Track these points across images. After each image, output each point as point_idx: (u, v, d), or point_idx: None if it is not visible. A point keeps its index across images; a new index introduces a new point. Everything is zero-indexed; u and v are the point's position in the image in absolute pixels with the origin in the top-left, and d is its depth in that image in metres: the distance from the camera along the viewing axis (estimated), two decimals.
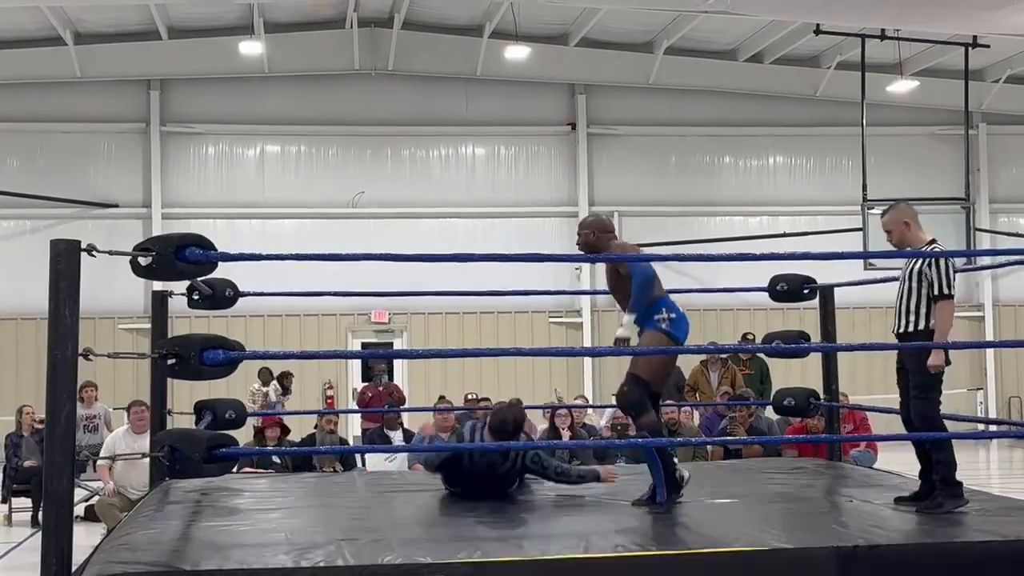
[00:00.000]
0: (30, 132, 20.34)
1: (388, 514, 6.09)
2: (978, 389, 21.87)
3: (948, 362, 6.14)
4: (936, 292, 6.00)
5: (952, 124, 20.90)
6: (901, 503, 6.17)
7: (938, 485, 6.05)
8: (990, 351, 21.87)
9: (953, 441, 6.19)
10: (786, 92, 21.77)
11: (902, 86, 20.79)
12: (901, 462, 10.73)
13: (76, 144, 20.43)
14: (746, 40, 20.41)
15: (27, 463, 12.50)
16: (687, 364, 14.39)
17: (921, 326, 6.06)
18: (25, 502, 12.36)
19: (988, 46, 18.40)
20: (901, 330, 6.17)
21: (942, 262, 6.02)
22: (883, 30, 17.63)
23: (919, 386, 6.15)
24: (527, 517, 6.01)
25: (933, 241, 6.24)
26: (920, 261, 6.09)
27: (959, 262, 16.59)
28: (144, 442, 10.21)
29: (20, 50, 19.46)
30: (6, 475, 12.86)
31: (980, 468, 18.14)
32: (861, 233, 17.40)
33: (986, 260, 14.76)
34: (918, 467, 6.35)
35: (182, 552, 5.04)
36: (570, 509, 6.22)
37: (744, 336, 15.85)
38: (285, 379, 16.83)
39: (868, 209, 17.49)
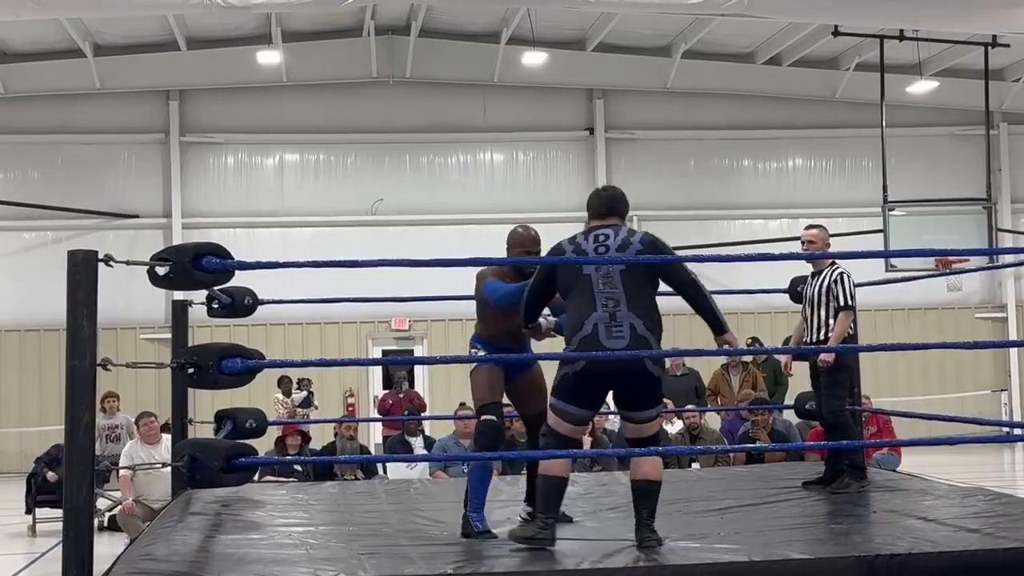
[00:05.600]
0: (51, 144, 20.44)
1: (408, 525, 6.07)
2: (1002, 390, 21.71)
3: (851, 363, 7.40)
4: (841, 304, 7.17)
5: (973, 124, 20.77)
6: (809, 488, 7.11)
7: (846, 468, 7.06)
8: (1014, 351, 21.71)
9: (978, 444, 6.24)
10: (805, 94, 21.68)
11: (922, 87, 20.67)
12: (925, 465, 10.66)
13: (96, 155, 20.52)
14: (764, 43, 20.35)
15: (52, 476, 12.53)
16: (707, 368, 14.33)
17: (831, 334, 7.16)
18: (50, 513, 12.40)
19: (1008, 45, 18.29)
20: (815, 340, 7.24)
21: (845, 280, 7.21)
22: (902, 31, 17.54)
23: (828, 384, 7.24)
24: None
25: (835, 263, 7.37)
26: (826, 280, 7.26)
27: (982, 262, 16.66)
28: (158, 451, 10.25)
29: (40, 63, 19.55)
30: (30, 486, 12.91)
31: (1005, 470, 18.01)
32: (882, 234, 17.31)
33: (1009, 259, 14.68)
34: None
35: (203, 564, 5.04)
36: (590, 520, 6.19)
37: (746, 341, 15.60)
38: (303, 384, 16.91)
39: (889, 210, 17.41)
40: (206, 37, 19.63)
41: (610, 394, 5.72)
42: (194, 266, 5.16)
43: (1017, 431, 15.71)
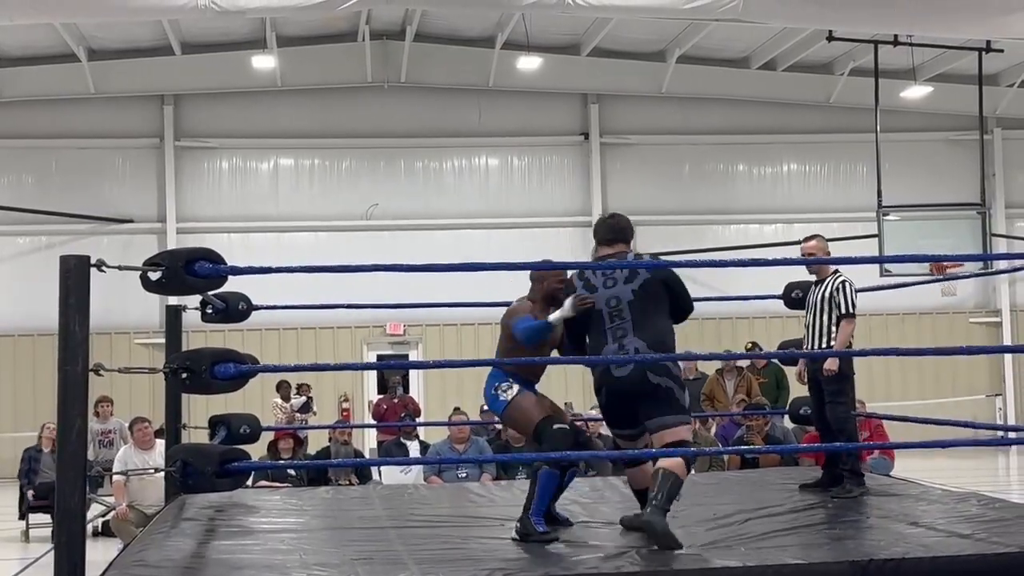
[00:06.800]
0: (45, 148, 20.42)
1: (403, 531, 6.06)
2: (997, 395, 21.74)
3: (852, 371, 7.33)
4: (843, 312, 7.16)
5: (967, 129, 20.80)
6: (806, 490, 7.22)
7: (846, 475, 7.10)
8: (1008, 357, 21.74)
9: (973, 448, 6.31)
10: (799, 99, 21.71)
11: (916, 92, 20.71)
12: (919, 469, 10.67)
13: (91, 160, 20.50)
14: (758, 48, 20.37)
15: (32, 493, 12.58)
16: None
17: (833, 343, 7.20)
18: (43, 518, 12.38)
19: (1002, 51, 18.31)
20: (816, 346, 7.28)
21: (847, 287, 7.20)
22: (896, 36, 17.55)
23: (832, 393, 7.25)
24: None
25: (837, 271, 7.39)
26: (828, 288, 7.25)
27: (977, 267, 16.67)
28: (152, 457, 10.25)
29: (34, 67, 19.54)
30: (23, 491, 12.90)
31: (999, 475, 18.02)
32: (876, 239, 17.32)
33: (1003, 265, 14.71)
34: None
35: (196, 570, 5.04)
36: (585, 525, 6.18)
37: (745, 347, 15.62)
38: (302, 390, 16.95)
39: (883, 215, 17.42)
40: (201, 42, 19.62)
41: None
42: (186, 271, 5.16)
43: (1011, 435, 15.72)
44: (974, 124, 19.09)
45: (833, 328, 7.21)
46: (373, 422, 16.72)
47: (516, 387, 6.00)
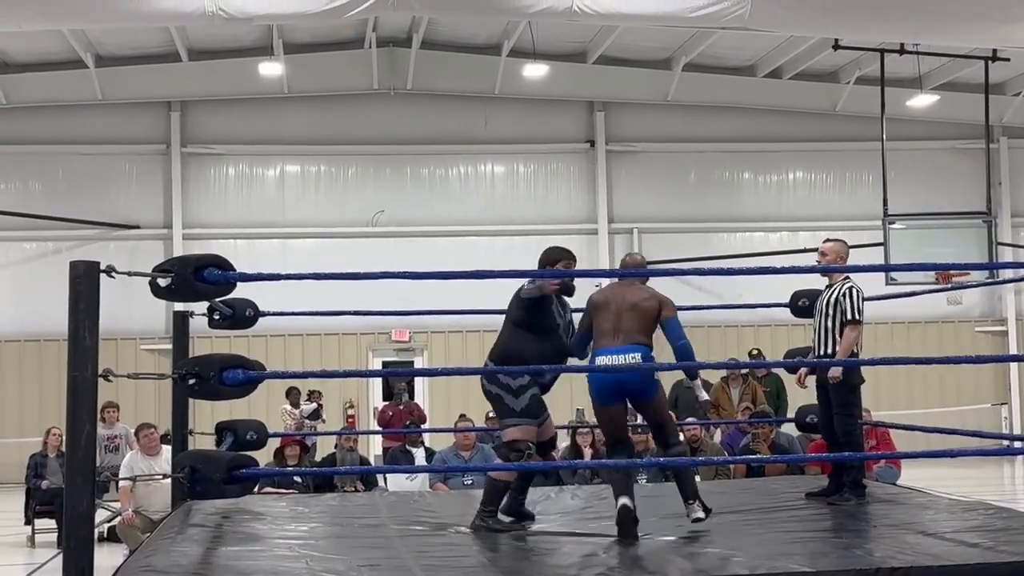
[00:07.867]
0: (52, 154, 20.46)
1: (409, 539, 6.07)
2: (1002, 404, 21.71)
3: (862, 379, 7.28)
4: (848, 318, 7.10)
5: (973, 138, 20.80)
6: (811, 499, 7.23)
7: (848, 485, 7.12)
8: (1014, 366, 21.71)
9: (978, 457, 6.26)
10: (805, 107, 21.71)
11: (922, 100, 20.70)
12: (925, 478, 10.65)
13: (97, 166, 20.54)
14: (765, 56, 20.38)
15: (46, 484, 12.61)
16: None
17: (838, 347, 7.15)
18: (49, 523, 12.40)
19: (1008, 59, 18.32)
20: (822, 352, 7.23)
21: (854, 294, 7.16)
22: (902, 44, 17.56)
23: (840, 403, 7.20)
24: (545, 546, 5.97)
25: (847, 277, 7.35)
26: (835, 293, 7.23)
27: (983, 275, 16.61)
28: (158, 463, 10.25)
29: (42, 73, 19.60)
30: (29, 496, 12.92)
31: (1005, 484, 17.99)
32: (882, 248, 17.31)
33: (1008, 274, 14.69)
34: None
35: None
36: (589, 537, 6.18)
37: (750, 353, 15.58)
38: (313, 396, 16.99)
39: (889, 224, 17.41)
40: (207, 48, 19.66)
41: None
42: (196, 278, 5.17)
43: (1017, 444, 15.70)
44: (980, 133, 19.08)
45: (838, 333, 7.16)
46: (379, 429, 16.70)
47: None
